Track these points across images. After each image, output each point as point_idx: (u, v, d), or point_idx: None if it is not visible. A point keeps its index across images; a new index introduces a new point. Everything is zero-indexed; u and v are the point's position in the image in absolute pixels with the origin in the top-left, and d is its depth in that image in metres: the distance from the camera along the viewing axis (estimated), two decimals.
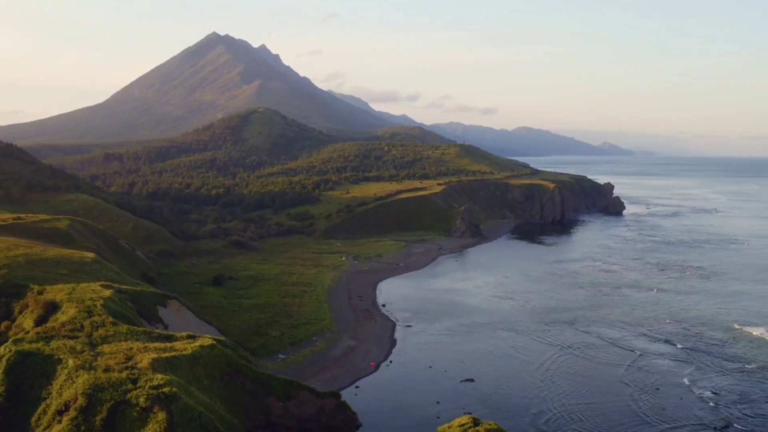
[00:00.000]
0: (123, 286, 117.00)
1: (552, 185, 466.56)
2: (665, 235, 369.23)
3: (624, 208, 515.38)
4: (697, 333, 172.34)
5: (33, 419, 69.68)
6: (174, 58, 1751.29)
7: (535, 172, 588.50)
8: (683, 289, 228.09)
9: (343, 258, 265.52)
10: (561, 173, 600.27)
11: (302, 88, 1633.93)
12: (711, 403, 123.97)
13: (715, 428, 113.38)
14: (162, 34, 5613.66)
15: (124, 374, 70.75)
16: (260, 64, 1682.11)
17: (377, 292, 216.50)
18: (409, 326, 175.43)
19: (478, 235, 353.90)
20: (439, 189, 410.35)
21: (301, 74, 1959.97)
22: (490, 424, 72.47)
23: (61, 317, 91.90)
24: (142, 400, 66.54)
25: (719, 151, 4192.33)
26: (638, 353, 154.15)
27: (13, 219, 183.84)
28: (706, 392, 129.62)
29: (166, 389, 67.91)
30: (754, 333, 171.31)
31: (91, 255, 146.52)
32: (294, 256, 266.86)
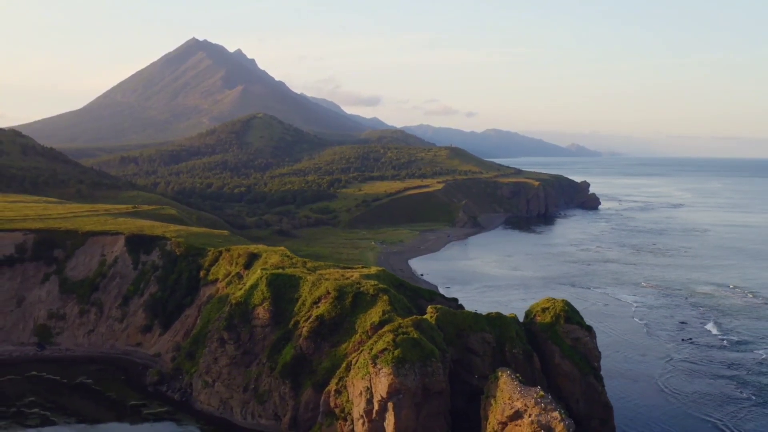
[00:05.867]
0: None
1: (536, 183, 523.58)
2: (638, 225, 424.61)
3: (599, 203, 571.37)
4: (668, 291, 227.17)
5: (295, 308, 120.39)
6: (155, 63, 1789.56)
7: (519, 172, 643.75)
8: (655, 263, 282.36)
9: (373, 243, 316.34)
10: (541, 173, 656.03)
11: (281, 92, 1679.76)
12: (679, 324, 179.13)
13: (682, 339, 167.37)
14: (138, 39, 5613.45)
15: (349, 281, 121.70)
16: (240, 69, 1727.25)
17: (411, 266, 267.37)
18: (449, 287, 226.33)
19: (477, 225, 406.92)
20: (439, 186, 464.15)
21: (277, 78, 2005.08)
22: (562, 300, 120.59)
23: (271, 260, 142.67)
24: (371, 291, 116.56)
25: (690, 152, 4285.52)
26: (624, 305, 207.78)
27: (133, 208, 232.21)
28: (677, 321, 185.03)
29: (381, 286, 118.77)
30: (707, 290, 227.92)
31: (225, 232, 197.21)
32: (331, 241, 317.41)
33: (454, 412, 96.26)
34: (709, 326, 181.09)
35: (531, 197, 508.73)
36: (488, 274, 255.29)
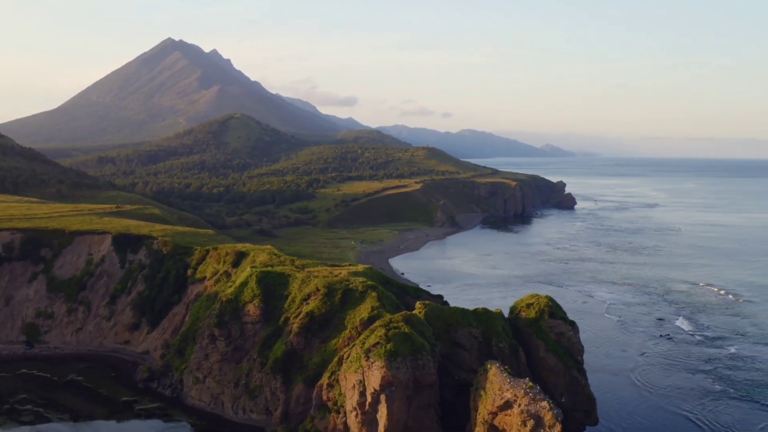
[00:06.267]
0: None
1: (513, 183, 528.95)
2: (613, 225, 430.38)
3: (575, 203, 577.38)
4: (645, 289, 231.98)
5: (285, 305, 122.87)
6: (130, 63, 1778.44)
7: (496, 172, 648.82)
8: (631, 262, 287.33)
9: (353, 242, 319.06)
10: (518, 173, 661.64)
11: (257, 92, 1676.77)
12: (656, 320, 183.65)
13: (661, 335, 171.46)
14: (114, 38, 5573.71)
15: (338, 278, 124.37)
16: (216, 69, 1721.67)
17: (392, 265, 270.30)
18: (429, 286, 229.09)
19: (455, 225, 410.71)
20: (418, 186, 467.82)
21: (253, 78, 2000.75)
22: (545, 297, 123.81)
23: (259, 258, 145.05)
24: (360, 287, 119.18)
25: (664, 152, 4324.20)
26: (603, 303, 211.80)
27: (116, 207, 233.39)
28: (655, 318, 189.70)
29: (370, 283, 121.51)
30: (682, 288, 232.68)
31: (210, 231, 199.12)
32: (312, 241, 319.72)
33: (442, 404, 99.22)
34: (686, 323, 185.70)
35: (508, 197, 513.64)
36: (468, 273, 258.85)
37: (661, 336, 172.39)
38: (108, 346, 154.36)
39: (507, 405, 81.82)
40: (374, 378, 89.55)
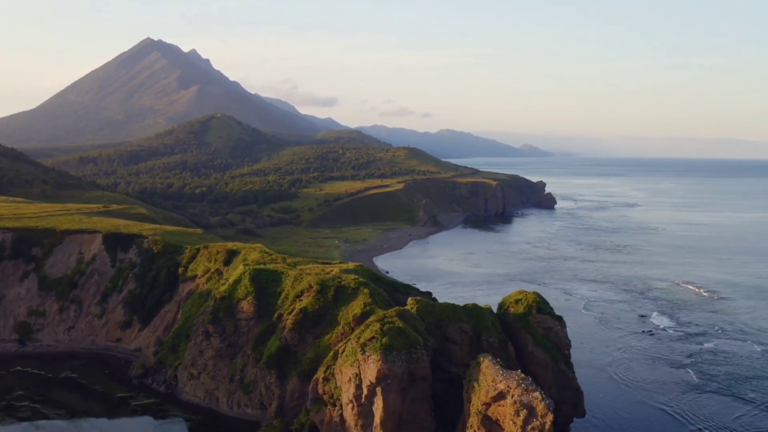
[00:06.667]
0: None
1: (494, 182, 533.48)
2: (593, 224, 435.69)
3: (555, 202, 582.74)
4: (626, 287, 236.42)
5: (278, 301, 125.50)
6: (109, 63, 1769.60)
7: (476, 172, 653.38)
8: (612, 260, 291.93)
9: (337, 241, 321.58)
10: (498, 173, 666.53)
11: (236, 92, 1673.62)
12: (638, 317, 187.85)
13: (642, 331, 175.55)
14: (92, 38, 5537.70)
15: (330, 275, 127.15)
16: (195, 69, 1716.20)
17: (376, 264, 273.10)
18: (414, 284, 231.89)
19: (437, 224, 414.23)
20: (400, 186, 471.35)
21: (235, 79, 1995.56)
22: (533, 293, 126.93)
23: (251, 256, 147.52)
24: (352, 284, 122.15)
25: (643, 152, 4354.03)
26: (585, 300, 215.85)
27: (103, 207, 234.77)
28: (637, 315, 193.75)
29: (362, 280, 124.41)
30: (663, 285, 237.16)
31: (198, 230, 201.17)
32: (296, 240, 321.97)
33: (433, 397, 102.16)
34: (666, 319, 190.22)
35: (489, 197, 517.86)
36: (451, 271, 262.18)
37: (643, 332, 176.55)
38: (100, 344, 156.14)
39: (500, 396, 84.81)
40: (370, 371, 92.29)
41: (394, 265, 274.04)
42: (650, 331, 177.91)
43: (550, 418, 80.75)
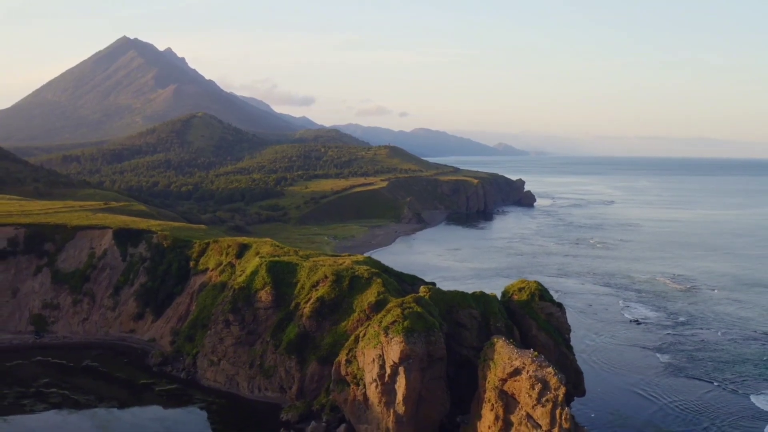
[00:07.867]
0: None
1: (476, 180, 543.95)
2: (574, 221, 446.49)
3: (535, 200, 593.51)
4: (610, 280, 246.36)
5: (295, 291, 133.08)
6: (85, 61, 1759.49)
7: (457, 170, 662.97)
8: (595, 255, 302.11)
9: (326, 238, 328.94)
10: (479, 171, 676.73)
11: (213, 91, 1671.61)
12: (625, 308, 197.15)
13: (630, 320, 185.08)
14: (67, 36, 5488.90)
15: (344, 266, 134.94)
16: (172, 68, 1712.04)
17: None
18: None
19: (422, 221, 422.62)
20: (384, 184, 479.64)
21: (214, 78, 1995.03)
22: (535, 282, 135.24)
23: (263, 249, 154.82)
24: (365, 274, 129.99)
25: (617, 151, 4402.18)
26: (570, 293, 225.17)
27: (104, 204, 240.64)
28: (620, 305, 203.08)
29: (374, 270, 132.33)
30: (645, 278, 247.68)
31: (203, 226, 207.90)
32: (286, 237, 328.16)
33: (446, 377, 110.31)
34: (652, 310, 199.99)
35: (470, 194, 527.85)
36: (440, 267, 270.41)
37: (631, 321, 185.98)
38: (114, 335, 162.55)
39: (516, 372, 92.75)
40: (393, 352, 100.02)
41: (385, 260, 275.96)
42: (637, 320, 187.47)
43: (562, 390, 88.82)
